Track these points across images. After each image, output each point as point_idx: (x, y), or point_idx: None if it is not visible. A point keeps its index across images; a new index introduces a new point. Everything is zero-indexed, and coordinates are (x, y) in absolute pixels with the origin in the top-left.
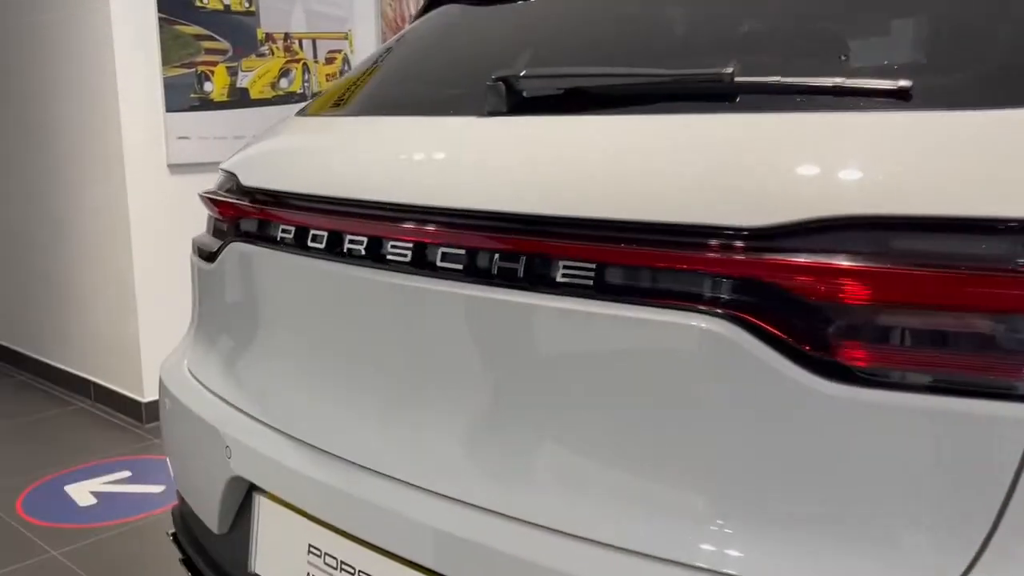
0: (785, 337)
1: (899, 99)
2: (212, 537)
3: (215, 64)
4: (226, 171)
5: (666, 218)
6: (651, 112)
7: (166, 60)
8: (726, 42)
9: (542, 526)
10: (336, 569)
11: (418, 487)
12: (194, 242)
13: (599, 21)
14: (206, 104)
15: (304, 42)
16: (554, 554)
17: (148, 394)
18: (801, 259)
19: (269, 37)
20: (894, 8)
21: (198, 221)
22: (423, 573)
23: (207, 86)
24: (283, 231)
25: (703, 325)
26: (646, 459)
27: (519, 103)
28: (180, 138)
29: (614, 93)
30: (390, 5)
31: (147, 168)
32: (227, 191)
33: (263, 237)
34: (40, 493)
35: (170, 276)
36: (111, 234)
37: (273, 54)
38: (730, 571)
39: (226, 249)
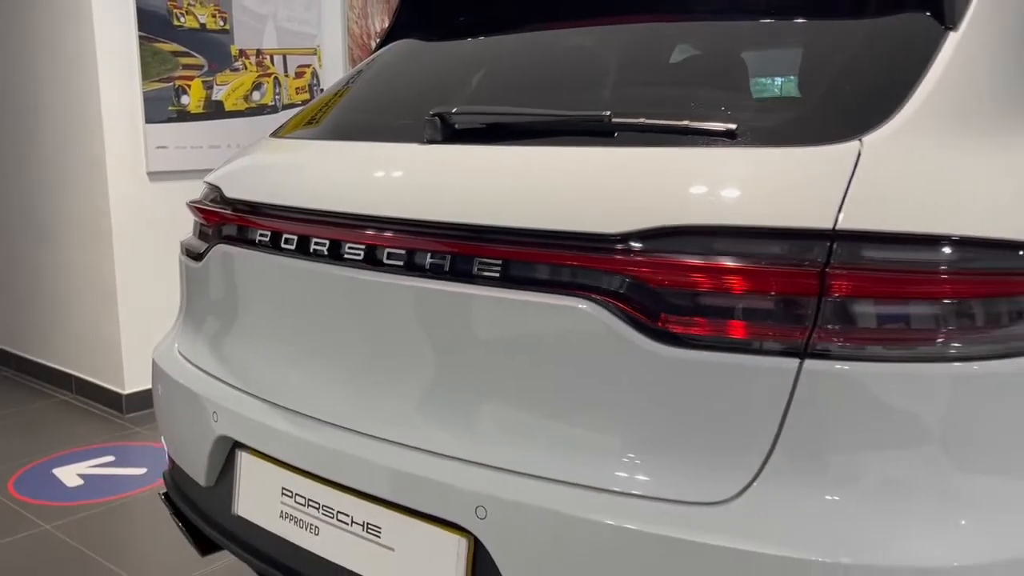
0: (633, 313)
1: (727, 138)
2: (200, 490)
3: (192, 79)
4: (211, 184)
5: (554, 226)
6: (548, 144)
7: (146, 75)
8: (610, 89)
9: (461, 458)
10: (304, 506)
11: (369, 435)
12: (182, 244)
13: (521, 64)
14: (183, 116)
15: (275, 57)
16: (468, 477)
17: (128, 386)
18: (644, 257)
19: (242, 53)
20: (727, 73)
21: (176, 225)
22: (373, 502)
23: (184, 99)
24: (261, 235)
25: (573, 304)
26: (540, 402)
27: (450, 134)
28: (159, 148)
29: (521, 128)
30: (356, 22)
31: (128, 176)
32: (212, 201)
33: (244, 240)
34: (29, 476)
35: (149, 276)
36: (94, 238)
37: (246, 69)
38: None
39: (212, 250)
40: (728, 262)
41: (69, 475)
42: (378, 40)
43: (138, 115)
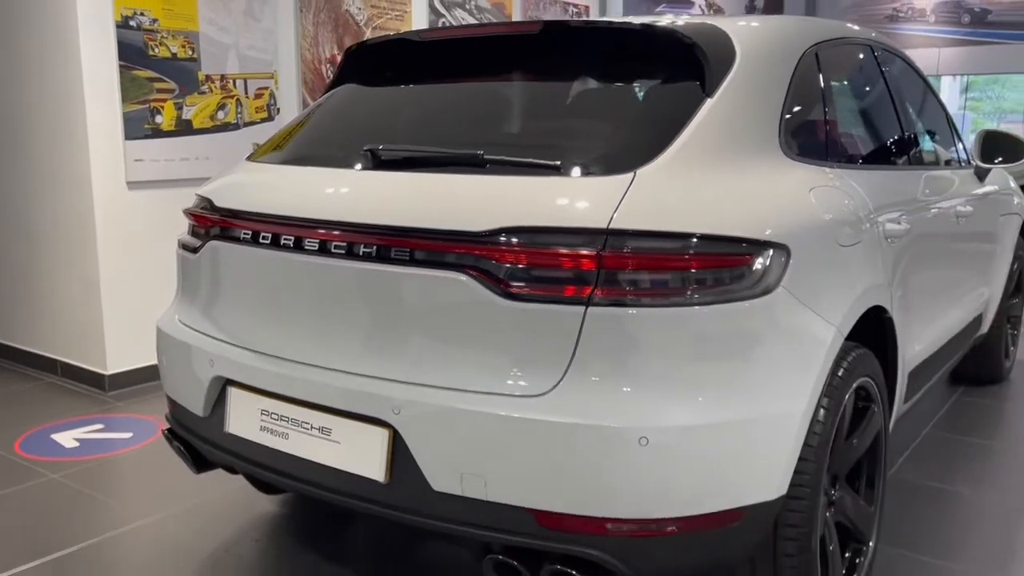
0: (488, 280)
1: (553, 170)
2: (199, 419)
3: (165, 101)
4: (202, 196)
5: (442, 226)
6: (441, 171)
7: (125, 98)
8: (488, 132)
9: (383, 378)
10: (278, 420)
11: (322, 367)
12: (179, 241)
13: (430, 109)
14: (157, 133)
15: (237, 81)
16: (388, 388)
17: (111, 367)
18: (493, 246)
19: (208, 78)
20: (558, 124)
21: (151, 227)
22: (325, 412)
23: (158, 118)
24: (243, 234)
25: (454, 276)
26: (433, 338)
27: (378, 163)
28: (136, 161)
29: (425, 160)
30: (308, 50)
31: (109, 185)
32: (203, 208)
33: (230, 237)
34: (32, 439)
35: (128, 270)
36: (79, 238)
37: (212, 92)
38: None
39: (205, 246)
40: (544, 247)
41: (66, 439)
42: (328, 66)
43: (118, 132)
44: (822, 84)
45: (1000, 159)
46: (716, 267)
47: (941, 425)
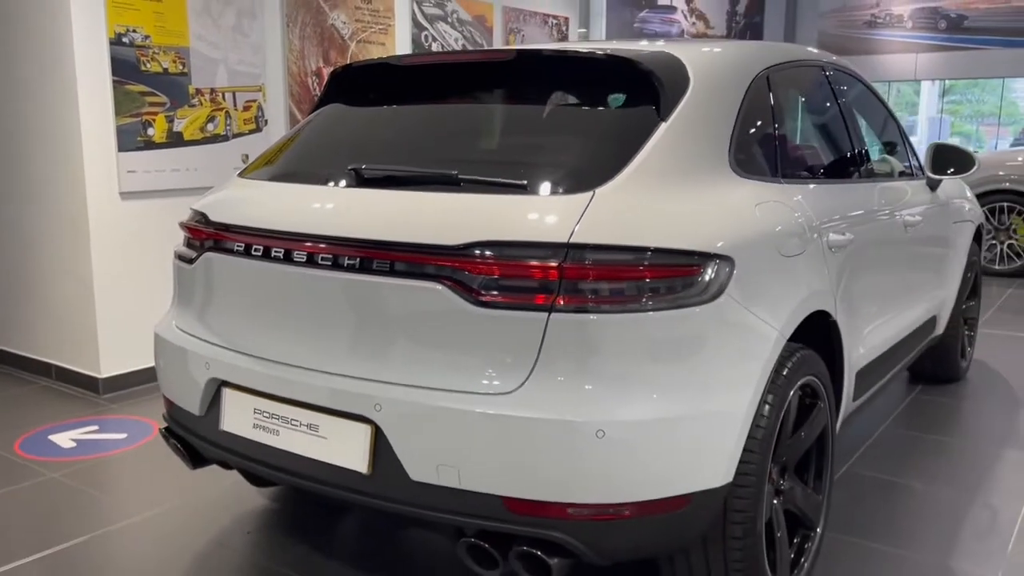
0: (461, 290)
1: (520, 189)
2: (195, 418)
3: (156, 114)
4: (197, 211)
5: (419, 240)
6: (419, 189)
7: (118, 111)
8: (463, 152)
9: (366, 378)
10: (269, 418)
11: (310, 368)
12: (176, 252)
13: (410, 130)
14: (149, 145)
15: (226, 94)
16: (370, 387)
17: (104, 371)
18: (466, 258)
19: (198, 92)
20: (525, 147)
21: (143, 235)
22: (313, 410)
23: (150, 131)
24: (236, 246)
25: (430, 285)
26: (412, 342)
27: (361, 181)
28: (129, 172)
29: (405, 179)
30: (295, 63)
31: (104, 194)
32: (197, 222)
33: (224, 249)
34: (31, 440)
35: (121, 277)
36: (74, 247)
37: (202, 105)
38: (441, 387)
39: (201, 257)
40: (512, 260)
41: (63, 439)
42: (314, 79)
43: (112, 144)
44: (772, 105)
45: (952, 170)
46: (668, 277)
47: (898, 422)
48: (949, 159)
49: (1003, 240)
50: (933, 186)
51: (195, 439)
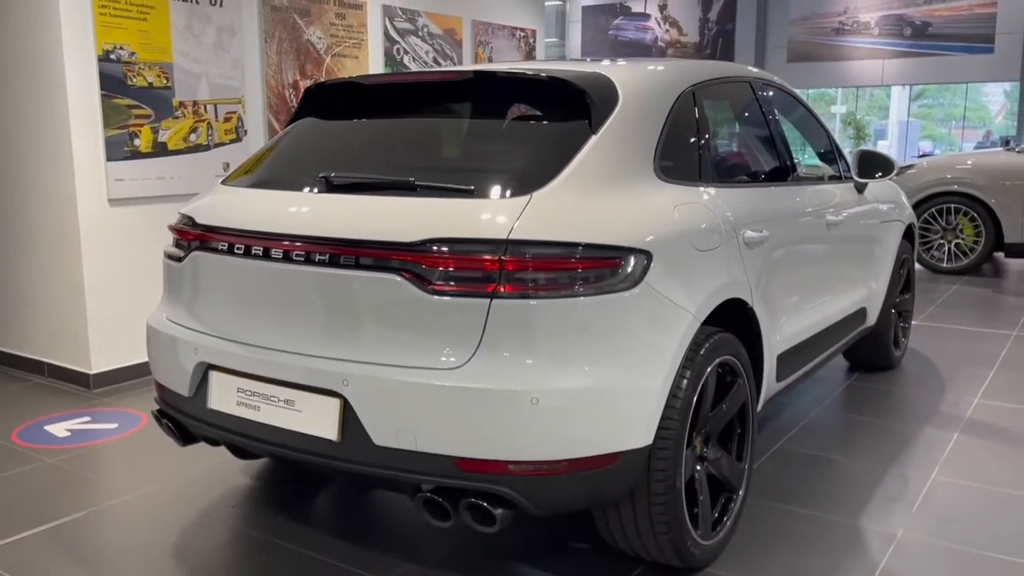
0: (417, 280)
1: (467, 193)
2: (184, 399)
3: (142, 125)
4: (185, 215)
5: (382, 238)
6: (382, 194)
7: (106, 124)
8: (421, 160)
9: (336, 358)
10: (251, 395)
11: (287, 351)
12: (166, 252)
13: (376, 140)
14: (136, 154)
15: (208, 106)
16: (339, 365)
17: (95, 367)
18: (420, 254)
19: (182, 104)
20: (475, 157)
21: (131, 239)
22: (289, 387)
23: (136, 141)
24: (220, 245)
25: (390, 277)
26: (375, 326)
27: (331, 188)
28: (117, 180)
29: (370, 185)
30: (273, 76)
31: (93, 201)
32: (185, 225)
33: (209, 248)
34: (27, 431)
35: (111, 278)
36: (65, 251)
37: (184, 116)
38: (400, 363)
39: (189, 256)
40: (460, 254)
41: (58, 429)
42: (291, 91)
43: (101, 155)
44: (697, 118)
45: (880, 173)
46: (594, 268)
47: (833, 405)
48: (875, 164)
49: (950, 240)
50: (860, 189)
51: (185, 418)
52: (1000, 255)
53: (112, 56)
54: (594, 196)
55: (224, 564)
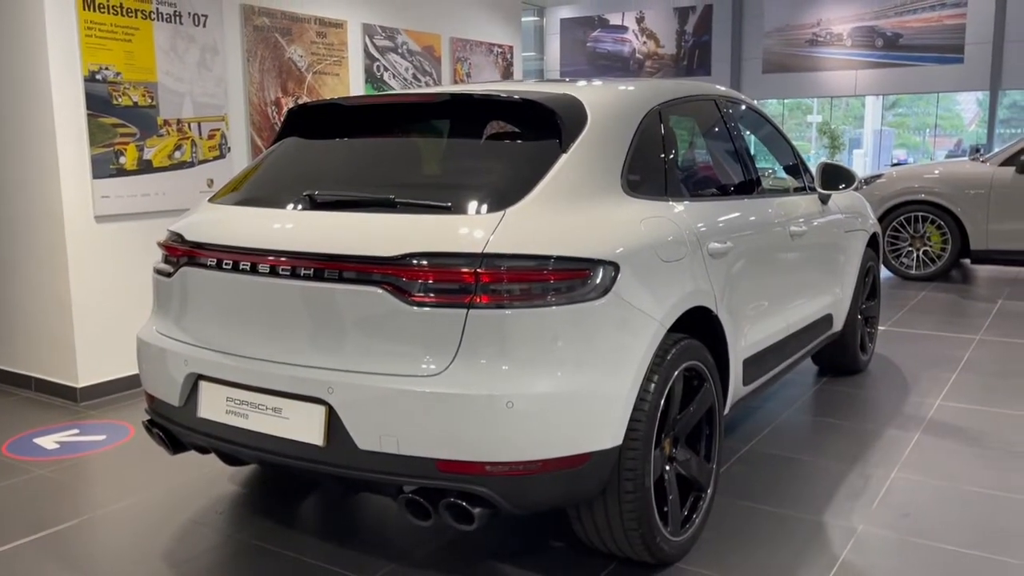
0: (398, 292)
1: (445, 209)
2: (175, 409)
3: (127, 143)
4: (174, 232)
5: (364, 253)
6: (364, 211)
7: (92, 142)
8: (400, 178)
9: (321, 367)
10: (240, 404)
11: (274, 361)
12: (155, 268)
13: (357, 159)
14: (121, 172)
15: (192, 124)
16: (324, 374)
17: (82, 381)
18: (400, 267)
19: (166, 122)
20: (453, 175)
21: (117, 255)
22: (276, 396)
23: (122, 159)
24: (209, 261)
25: (372, 289)
26: (358, 337)
27: (315, 205)
28: (103, 197)
29: (350, 202)
30: (256, 95)
31: (80, 218)
32: (174, 241)
33: (197, 264)
34: (17, 443)
35: (97, 293)
36: (52, 267)
37: (169, 134)
38: (383, 372)
39: (178, 271)
40: (438, 267)
41: (47, 442)
42: (274, 108)
43: (87, 172)
44: (663, 135)
45: (843, 185)
46: (565, 279)
47: (801, 408)
48: (839, 176)
49: (919, 247)
50: (824, 200)
51: (175, 427)
52: (967, 261)
53: (98, 76)
54: (564, 211)
55: (212, 568)
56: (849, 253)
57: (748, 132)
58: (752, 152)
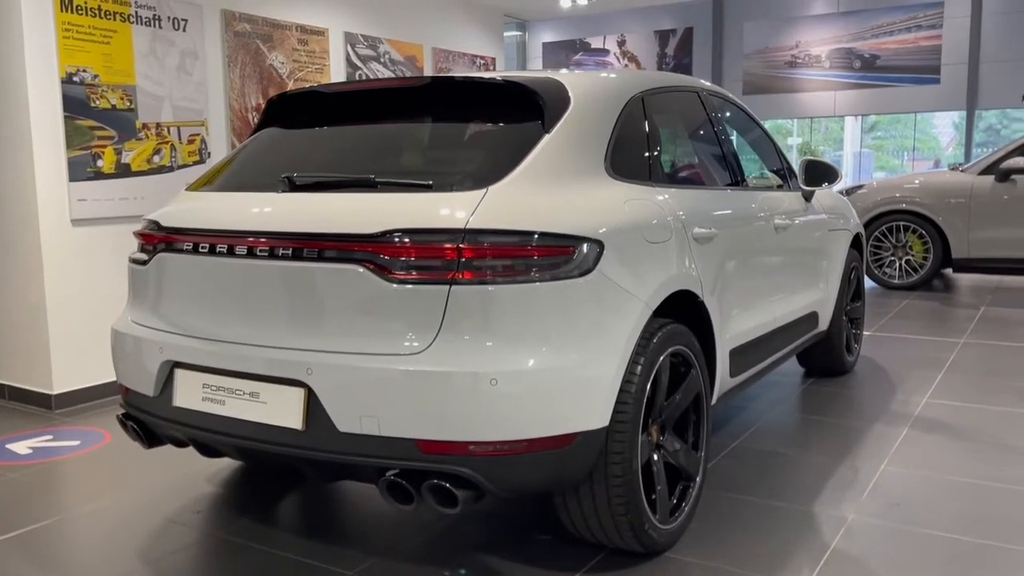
0: (378, 269)
1: (427, 188)
2: (149, 399)
3: (105, 147)
4: (150, 220)
5: (343, 231)
6: (343, 191)
7: (69, 144)
8: (380, 161)
9: (299, 348)
10: (216, 390)
11: (251, 344)
12: (131, 258)
13: (336, 144)
14: (99, 175)
15: (171, 128)
16: (302, 355)
17: (56, 388)
18: (380, 244)
19: (145, 126)
20: (435, 156)
21: (93, 259)
22: (254, 380)
23: (99, 162)
24: (185, 246)
25: (352, 267)
26: (337, 316)
27: (293, 187)
28: (80, 200)
29: (331, 183)
30: (236, 100)
31: (55, 221)
32: (150, 230)
33: (174, 250)
34: None
35: (72, 298)
36: (26, 272)
37: (148, 138)
38: (362, 351)
39: (154, 258)
40: (419, 243)
41: (20, 447)
42: (254, 114)
43: (63, 175)
44: (647, 122)
45: (827, 182)
46: (548, 255)
47: (788, 407)
48: (820, 172)
49: (901, 256)
50: (808, 197)
51: (150, 418)
52: (949, 271)
53: (75, 78)
54: (548, 190)
55: (191, 564)
56: (833, 251)
57: (732, 127)
58: (736, 147)
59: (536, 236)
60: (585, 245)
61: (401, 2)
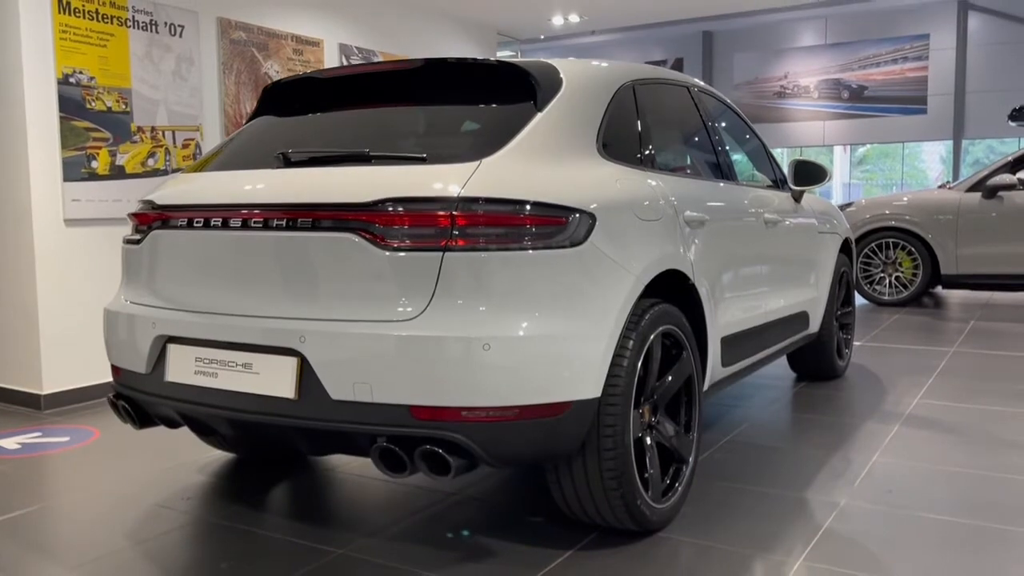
0: (372, 237)
1: (421, 160)
2: (141, 377)
3: (100, 148)
4: (144, 201)
5: (337, 200)
6: (338, 165)
7: (64, 145)
8: (373, 137)
9: (292, 317)
10: (209, 363)
11: (245, 315)
12: (125, 238)
13: (330, 125)
14: (93, 176)
15: (166, 132)
16: (295, 323)
17: (46, 388)
18: (375, 212)
19: (140, 129)
20: (430, 130)
21: (86, 261)
22: (247, 351)
23: (94, 164)
24: (179, 221)
25: (347, 236)
26: (333, 283)
27: (287, 163)
28: (73, 201)
29: (325, 158)
30: (231, 106)
31: (49, 222)
32: (145, 209)
33: (168, 226)
34: None
35: (64, 298)
36: (19, 272)
37: (143, 141)
38: (356, 318)
39: (147, 236)
40: (413, 212)
41: (10, 443)
42: (249, 116)
43: (58, 175)
44: (637, 109)
45: (816, 183)
46: (542, 224)
47: (780, 407)
48: (809, 172)
49: (891, 273)
50: (797, 198)
51: (142, 395)
52: (938, 288)
53: (71, 80)
54: (540, 165)
55: (180, 545)
56: (822, 253)
57: (721, 123)
58: (726, 144)
59: (529, 205)
60: (577, 216)
61: (396, 17)
